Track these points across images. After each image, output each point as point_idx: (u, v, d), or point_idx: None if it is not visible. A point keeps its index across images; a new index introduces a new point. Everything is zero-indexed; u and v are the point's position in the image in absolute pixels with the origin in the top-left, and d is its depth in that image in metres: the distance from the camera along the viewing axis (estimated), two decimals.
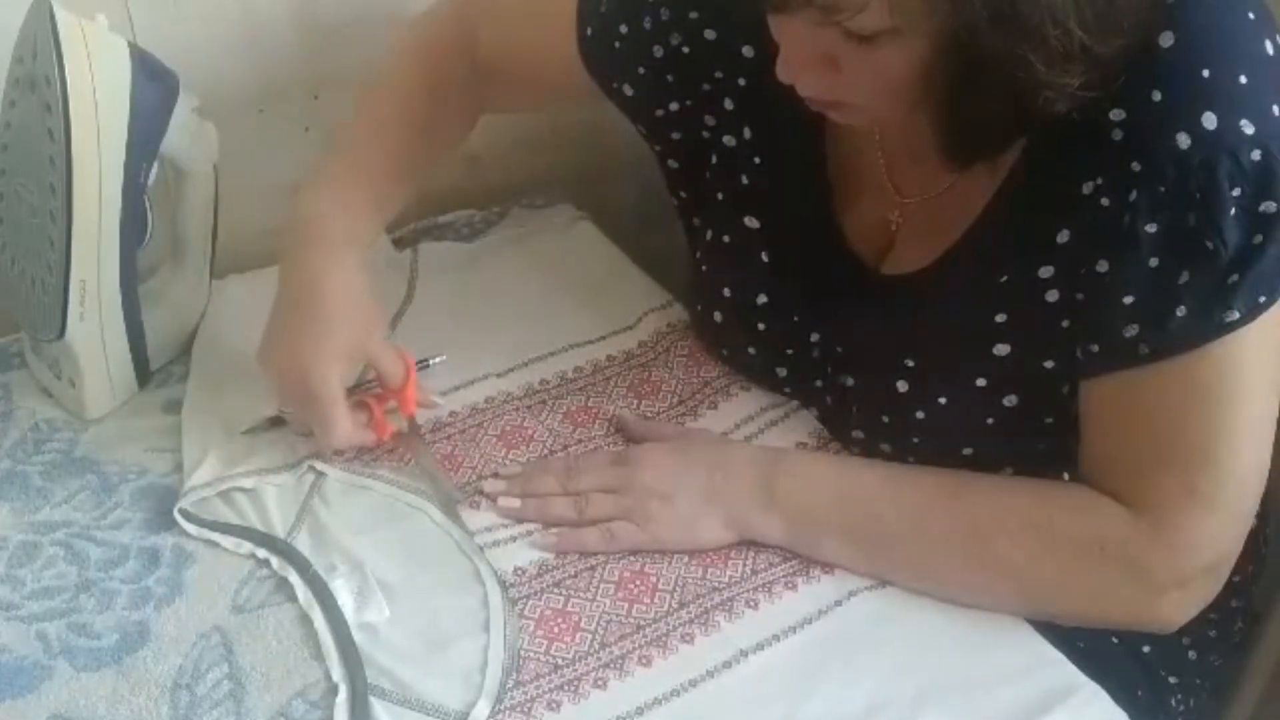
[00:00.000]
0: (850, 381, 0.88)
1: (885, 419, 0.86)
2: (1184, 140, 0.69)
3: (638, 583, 0.80)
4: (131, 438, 0.91)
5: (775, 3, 0.67)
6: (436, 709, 0.72)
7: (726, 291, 0.93)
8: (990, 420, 0.82)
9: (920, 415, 0.84)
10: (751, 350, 0.94)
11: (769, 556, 0.81)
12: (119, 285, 0.90)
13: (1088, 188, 0.73)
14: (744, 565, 0.81)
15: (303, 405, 0.85)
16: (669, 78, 0.90)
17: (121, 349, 0.93)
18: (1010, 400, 0.81)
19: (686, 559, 0.81)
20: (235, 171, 1.00)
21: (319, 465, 0.88)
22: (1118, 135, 0.71)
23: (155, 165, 0.90)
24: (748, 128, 0.89)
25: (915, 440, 0.85)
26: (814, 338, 0.90)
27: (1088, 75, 0.67)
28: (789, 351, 0.92)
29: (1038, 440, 0.82)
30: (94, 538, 0.83)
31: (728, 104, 0.89)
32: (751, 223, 0.90)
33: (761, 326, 0.92)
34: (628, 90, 0.93)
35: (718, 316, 0.95)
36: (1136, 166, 0.70)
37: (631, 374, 0.97)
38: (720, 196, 0.93)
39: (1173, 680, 0.94)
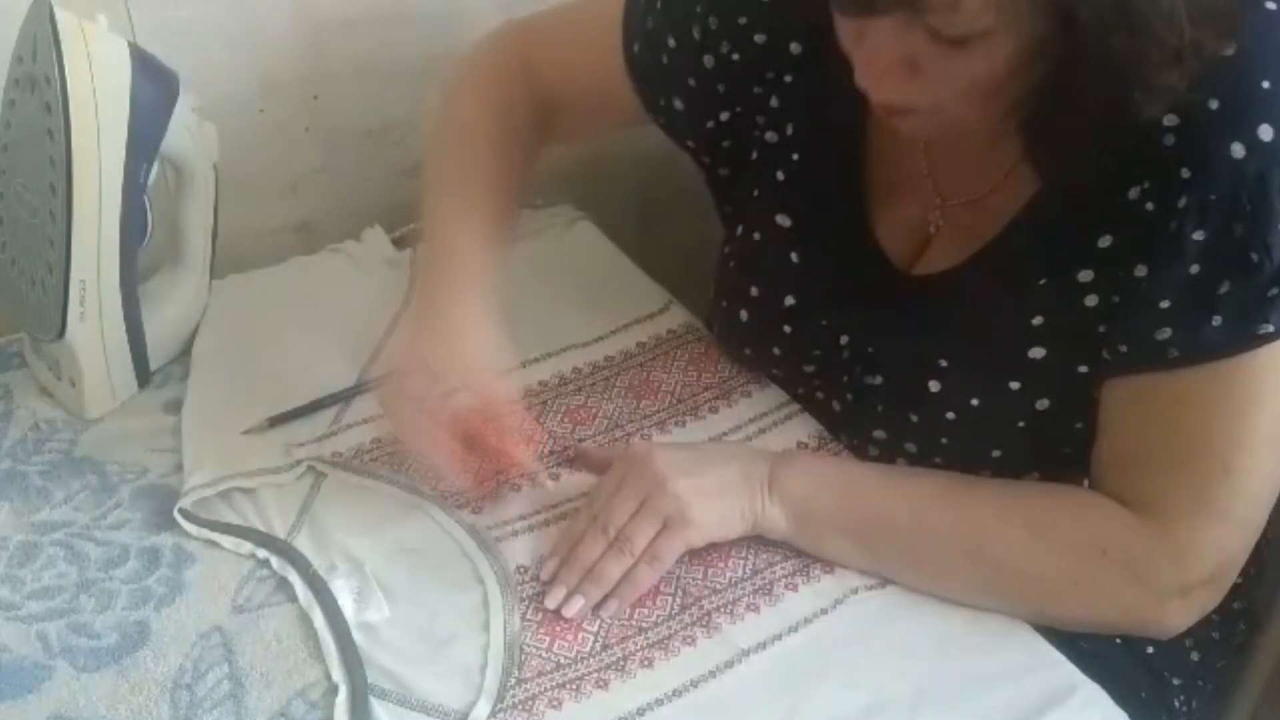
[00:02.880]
0: (879, 380, 0.88)
1: (914, 418, 0.86)
2: (1239, 150, 0.68)
3: None
4: (131, 438, 0.91)
5: (867, 4, 0.65)
6: (436, 709, 0.72)
7: (754, 291, 0.92)
8: (1021, 424, 0.82)
9: (950, 416, 0.84)
10: (777, 350, 0.93)
11: (769, 556, 0.81)
12: (119, 285, 0.90)
13: (1134, 193, 0.72)
14: (745, 565, 0.80)
15: (452, 367, 0.81)
16: (720, 87, 0.89)
17: (121, 349, 0.93)
18: (1043, 404, 0.81)
19: (688, 560, 0.80)
20: (235, 171, 1.01)
21: (319, 465, 0.88)
22: (1170, 140, 0.70)
23: (155, 165, 0.90)
24: (790, 124, 0.88)
25: (943, 441, 0.85)
26: (843, 340, 0.89)
27: (1191, 75, 0.65)
28: (816, 352, 0.91)
29: (1064, 444, 0.82)
30: (94, 538, 0.83)
31: (774, 101, 0.88)
32: (784, 221, 0.90)
33: (788, 329, 0.91)
34: (678, 104, 0.92)
35: (743, 315, 0.93)
36: (1186, 173, 0.70)
37: (630, 374, 0.97)
38: (755, 193, 0.92)
39: (1176, 681, 0.94)
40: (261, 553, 0.81)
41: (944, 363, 0.83)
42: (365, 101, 1.14)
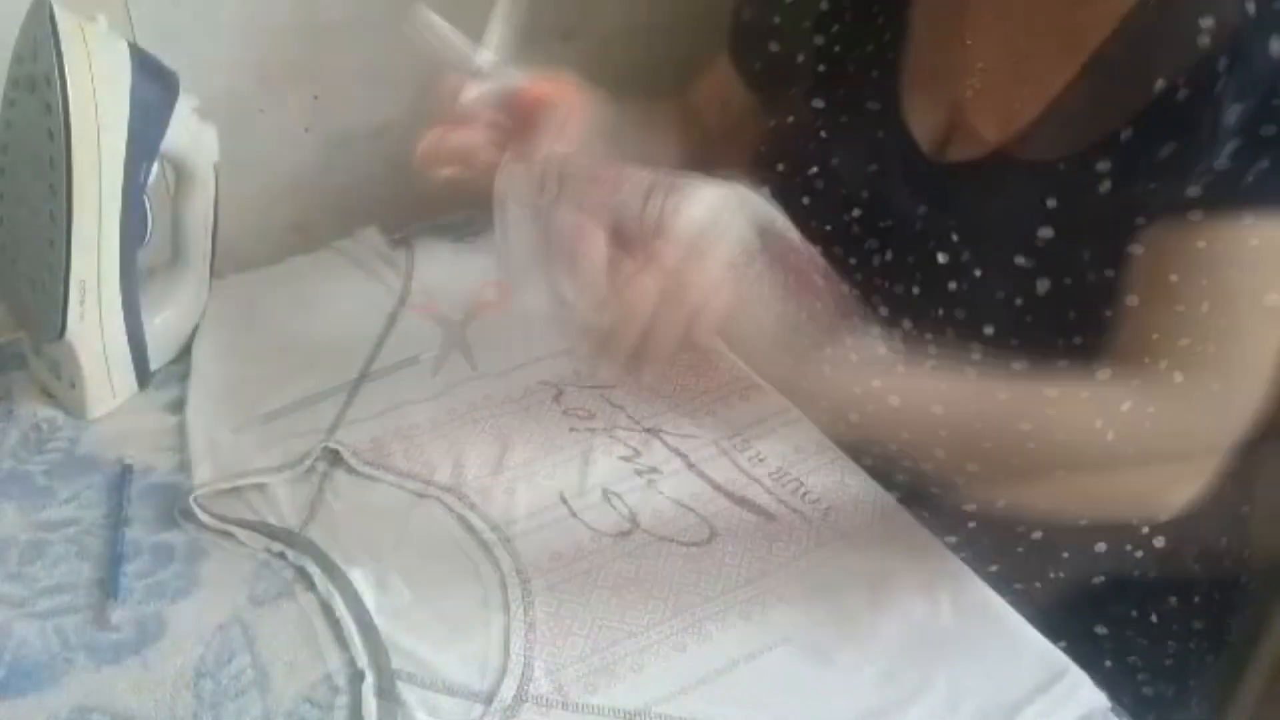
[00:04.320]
0: (889, 257, 0.90)
1: (915, 290, 0.87)
2: (1276, 46, 0.72)
3: (631, 589, 0.79)
4: (133, 437, 0.91)
5: None
6: (463, 689, 0.72)
7: (780, 166, 0.95)
8: (1019, 301, 0.83)
9: (952, 286, 0.85)
10: None
11: (763, 565, 0.81)
12: (119, 285, 0.90)
13: (1160, 84, 0.76)
14: (738, 574, 0.80)
15: None
16: (805, 23, 0.96)
17: (121, 349, 0.93)
18: (1043, 284, 0.82)
19: (681, 564, 0.81)
20: (235, 171, 1.01)
21: (334, 445, 0.88)
22: (1204, 41, 0.74)
23: (155, 165, 0.90)
24: (836, 24, 0.94)
25: (939, 312, 0.86)
26: (856, 213, 0.91)
27: None
28: (828, 228, 0.93)
29: (1056, 334, 0.83)
30: (103, 535, 0.83)
31: (824, 5, 0.94)
32: (818, 103, 0.94)
33: (806, 200, 0.93)
34: (774, 46, 0.98)
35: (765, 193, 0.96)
36: (1224, 63, 0.73)
37: (629, 377, 0.97)
38: (792, 90, 0.97)
39: (1173, 679, 0.94)
40: (276, 545, 0.81)
41: (955, 236, 0.85)
42: (365, 101, 1.15)
